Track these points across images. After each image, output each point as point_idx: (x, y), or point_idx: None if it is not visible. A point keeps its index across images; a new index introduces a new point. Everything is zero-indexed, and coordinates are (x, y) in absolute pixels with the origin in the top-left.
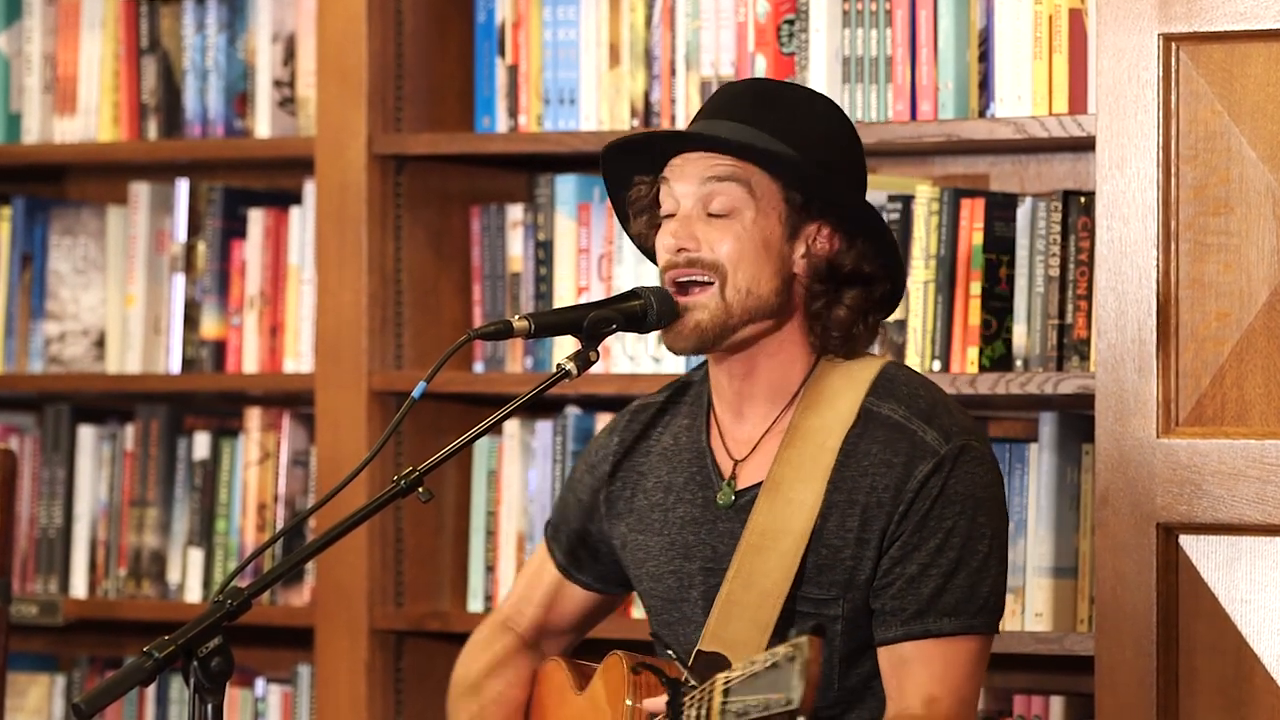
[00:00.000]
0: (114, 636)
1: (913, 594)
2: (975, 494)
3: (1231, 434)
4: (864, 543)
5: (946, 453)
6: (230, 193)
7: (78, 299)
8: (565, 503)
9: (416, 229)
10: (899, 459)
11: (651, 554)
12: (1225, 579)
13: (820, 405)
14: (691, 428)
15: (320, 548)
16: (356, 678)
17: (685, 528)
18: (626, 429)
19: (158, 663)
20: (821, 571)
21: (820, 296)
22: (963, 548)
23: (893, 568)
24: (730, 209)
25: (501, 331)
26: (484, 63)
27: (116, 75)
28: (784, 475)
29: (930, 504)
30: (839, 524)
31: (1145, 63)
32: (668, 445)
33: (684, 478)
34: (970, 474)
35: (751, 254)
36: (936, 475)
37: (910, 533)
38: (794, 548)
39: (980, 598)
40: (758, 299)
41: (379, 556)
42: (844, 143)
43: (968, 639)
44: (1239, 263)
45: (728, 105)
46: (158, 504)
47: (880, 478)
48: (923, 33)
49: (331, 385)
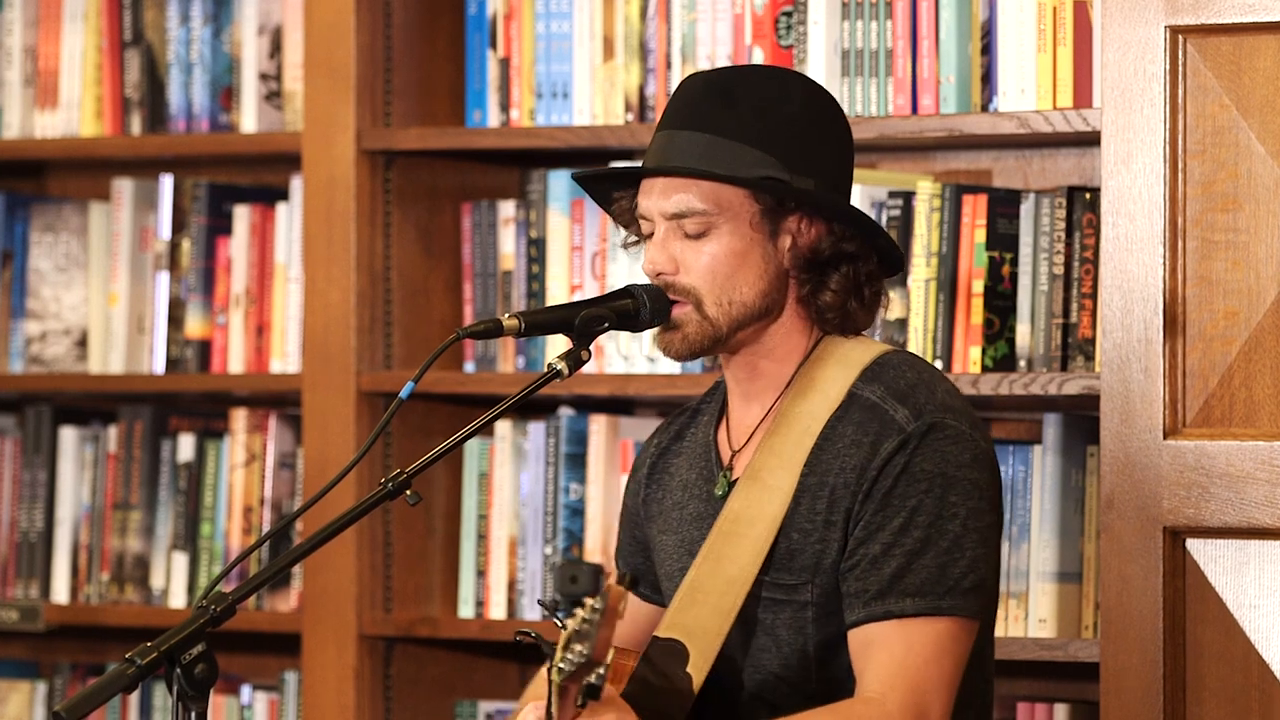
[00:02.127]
0: (96, 642)
1: (874, 574)
2: (945, 471)
3: (1240, 435)
4: (830, 525)
5: (914, 430)
6: (215, 189)
7: (59, 297)
8: (622, 513)
9: (406, 226)
10: (867, 438)
11: (668, 553)
12: (1234, 584)
13: (810, 391)
14: (708, 425)
15: (307, 551)
16: (344, 685)
17: (692, 524)
18: (664, 431)
19: (140, 670)
20: (792, 557)
21: (806, 284)
22: (929, 526)
23: (856, 548)
24: (703, 228)
25: (492, 330)
26: (475, 55)
27: (99, 68)
28: (765, 462)
29: (893, 481)
30: (809, 508)
31: (1152, 55)
32: (690, 444)
33: (696, 474)
34: (940, 451)
35: (728, 269)
36: (901, 452)
37: (874, 512)
38: (765, 533)
39: (950, 579)
40: (743, 306)
41: (367, 561)
42: (815, 120)
43: (934, 620)
44: (1247, 260)
45: (686, 111)
46: (141, 507)
47: (850, 458)
48: (924, 25)
49: (319, 386)
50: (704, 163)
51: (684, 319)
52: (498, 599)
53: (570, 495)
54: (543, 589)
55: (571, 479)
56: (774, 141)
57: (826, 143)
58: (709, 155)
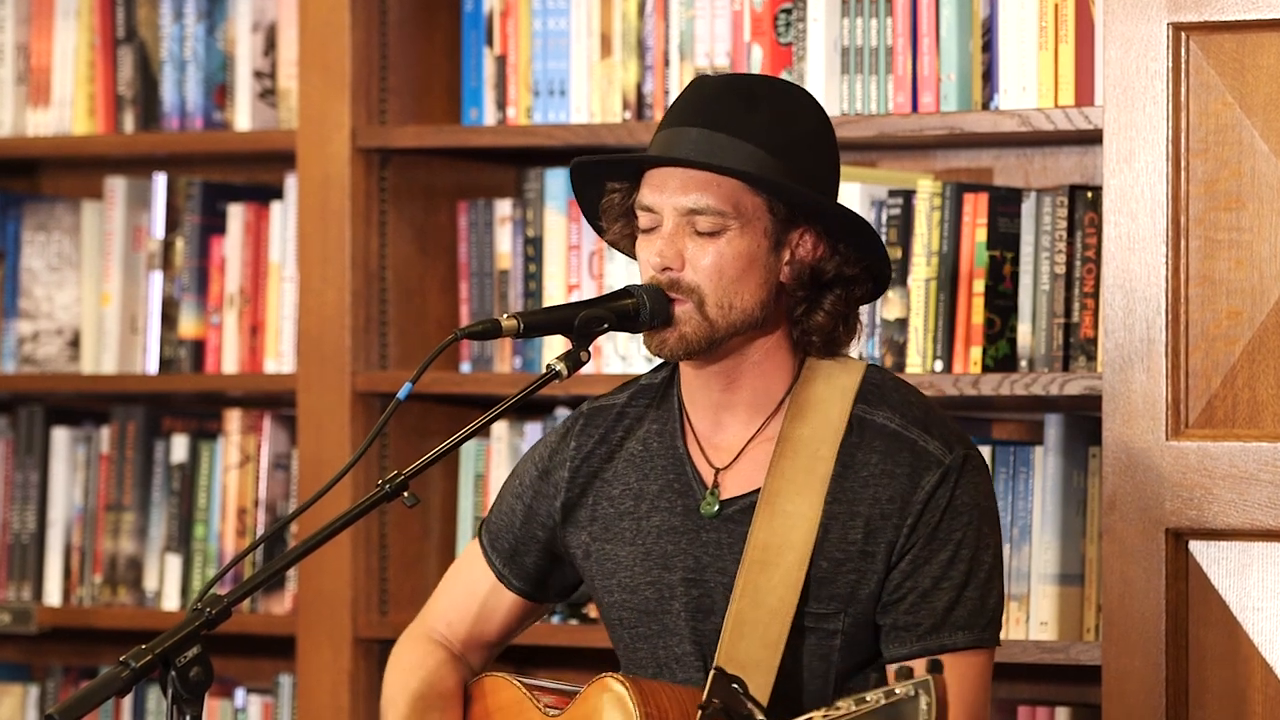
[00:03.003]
0: (89, 645)
1: (926, 609)
2: (980, 503)
3: (1243, 436)
4: (868, 556)
5: (951, 462)
6: (209, 187)
7: (52, 297)
8: (508, 506)
9: (402, 225)
10: (901, 469)
11: (623, 564)
12: (1237, 586)
13: (808, 413)
14: (663, 433)
15: (302, 554)
16: (339, 688)
17: (662, 537)
18: (584, 433)
19: (134, 672)
20: (822, 586)
21: (801, 302)
22: (972, 559)
23: (903, 582)
24: (716, 228)
25: (489, 331)
26: (471, 53)
27: (92, 66)
28: (779, 487)
29: (940, 515)
30: (840, 537)
31: (1154, 53)
32: (635, 451)
33: (658, 485)
34: (974, 484)
35: (735, 272)
36: (944, 486)
37: (921, 545)
38: (798, 563)
39: (988, 611)
40: (742, 312)
41: (363, 563)
42: (822, 140)
43: (979, 653)
44: (1251, 259)
45: (707, 109)
46: (134, 508)
47: (883, 488)
48: (924, 22)
49: (314, 386)
50: (732, 161)
51: (683, 317)
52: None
53: None
54: None
55: None
56: (791, 154)
57: (831, 164)
58: (731, 154)
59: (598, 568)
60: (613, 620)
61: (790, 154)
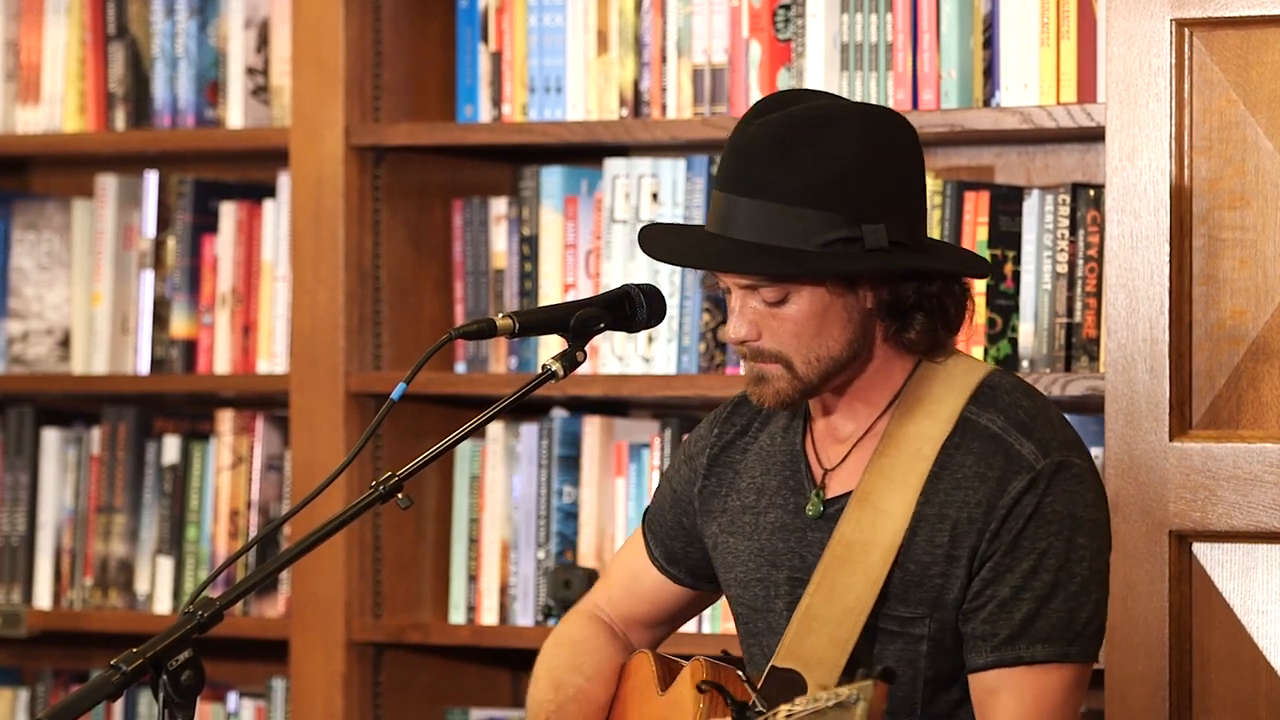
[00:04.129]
0: (80, 649)
1: (1004, 618)
2: (1074, 513)
3: (1248, 437)
4: (954, 560)
5: (1043, 468)
6: (201, 185)
7: (42, 296)
8: (662, 493)
9: (396, 223)
10: (993, 473)
11: (740, 559)
12: (1241, 589)
13: (918, 412)
14: (789, 429)
15: (295, 556)
16: (333, 691)
17: (775, 534)
18: (727, 422)
19: (125, 676)
20: (908, 589)
21: (892, 326)
22: (1059, 570)
23: (983, 589)
24: (780, 296)
25: (484, 330)
26: (466, 49)
27: (82, 63)
28: (875, 484)
29: (1024, 523)
30: (928, 539)
31: (1157, 49)
32: (764, 445)
33: (777, 481)
34: (1068, 492)
35: (811, 330)
36: (1031, 492)
37: (1002, 553)
38: (880, 562)
39: (1078, 624)
40: (831, 359)
41: (356, 566)
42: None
43: (1062, 667)
44: (1255, 258)
45: (743, 172)
46: (125, 510)
47: (973, 492)
48: (925, 18)
49: (307, 387)
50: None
51: (773, 375)
52: (489, 604)
53: (563, 498)
54: (535, 593)
55: (565, 482)
56: (836, 196)
57: (892, 177)
58: (769, 228)
59: (720, 560)
60: (734, 613)
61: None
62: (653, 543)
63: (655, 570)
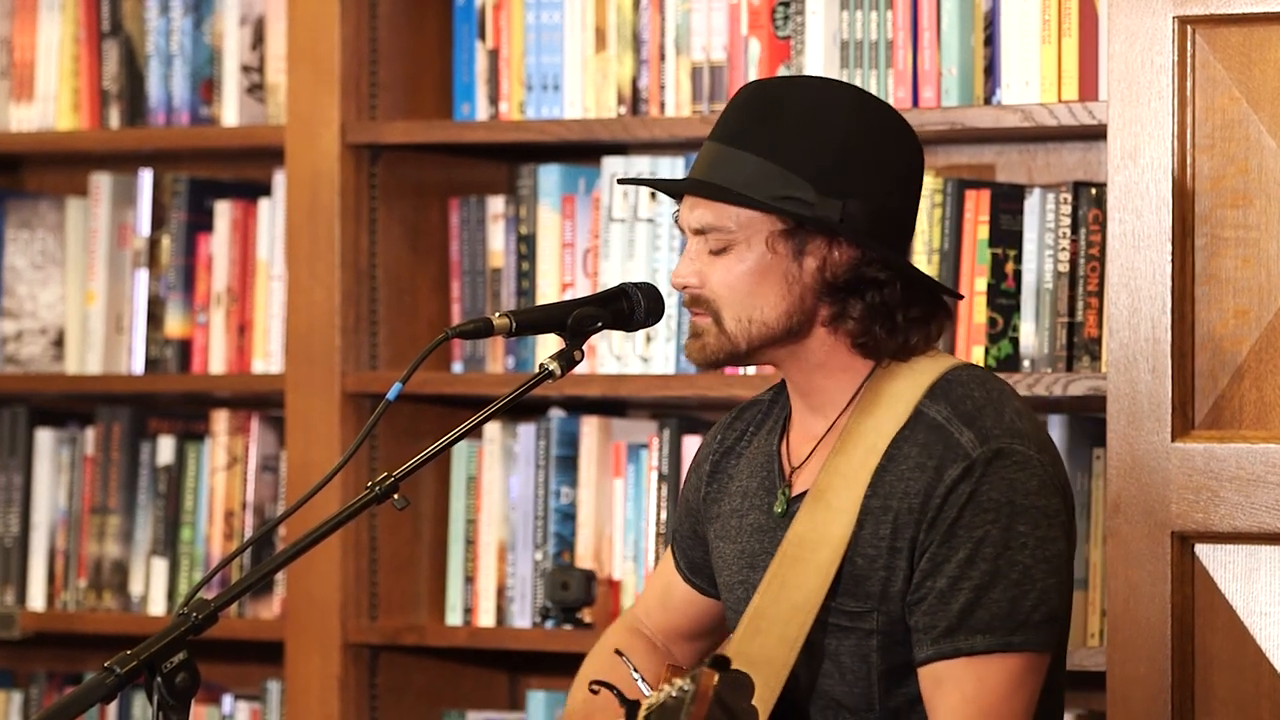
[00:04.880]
0: (73, 651)
1: (943, 609)
2: (1013, 500)
3: (1251, 438)
4: (895, 552)
5: (979, 455)
6: (196, 184)
7: (35, 296)
8: (681, 496)
9: (392, 222)
10: (932, 462)
11: (727, 562)
12: (1244, 591)
13: (875, 407)
14: (771, 431)
15: (291, 557)
16: (329, 694)
17: (753, 536)
18: (729, 427)
19: (119, 679)
20: (857, 583)
21: (829, 308)
22: (997, 559)
23: (923, 581)
24: (723, 245)
25: (481, 330)
26: (463, 47)
27: (76, 60)
28: (830, 482)
29: (959, 511)
30: (873, 532)
31: (1159, 47)
32: (754, 448)
33: (757, 482)
34: (1006, 479)
35: (747, 287)
36: (966, 480)
37: (939, 543)
38: (831, 557)
39: (1021, 613)
40: (763, 325)
41: (352, 567)
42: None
43: (1005, 658)
44: (1258, 257)
45: (725, 123)
46: (120, 511)
47: (914, 482)
48: (925, 15)
49: (302, 387)
50: (723, 180)
51: (702, 328)
52: (486, 606)
53: (561, 499)
54: (532, 595)
55: (562, 482)
56: (807, 161)
57: (874, 162)
58: (732, 173)
59: (715, 563)
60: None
61: (805, 162)
62: (677, 554)
63: (682, 582)
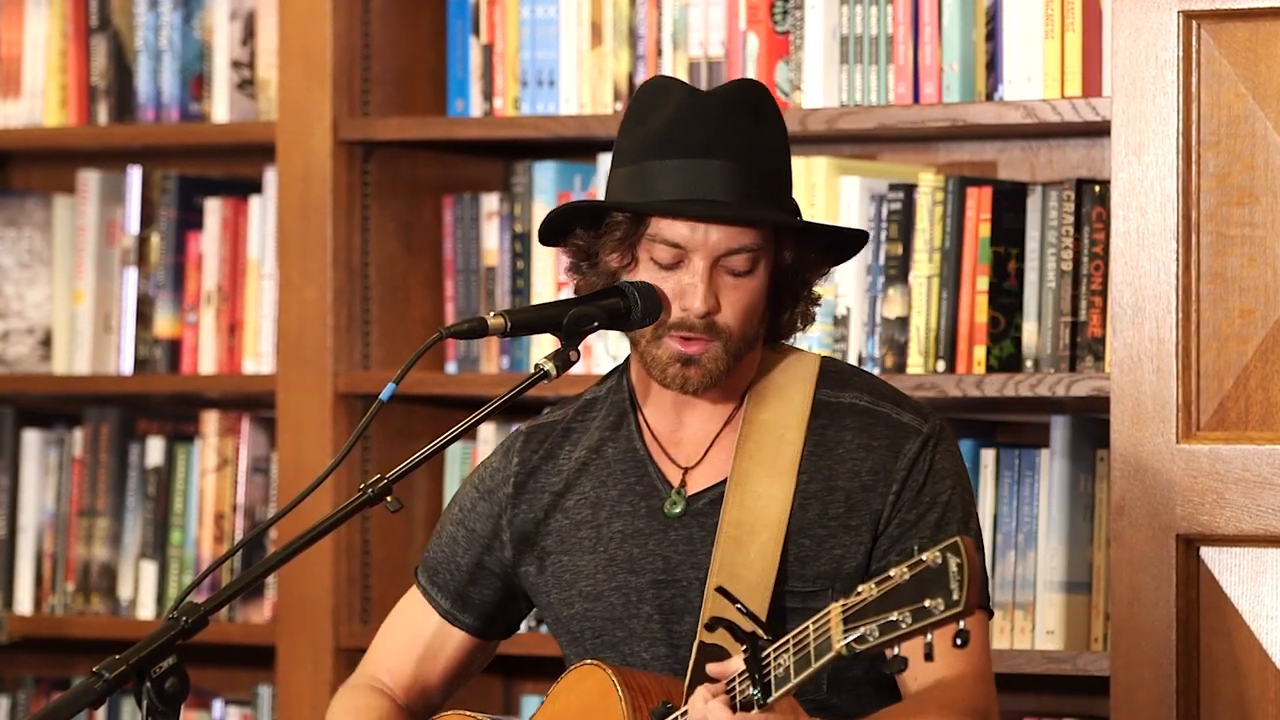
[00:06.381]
0: (61, 655)
1: None
2: (958, 471)
3: (1256, 439)
4: (853, 530)
5: (929, 430)
6: (186, 181)
7: (22, 295)
8: (449, 536)
9: (385, 220)
10: (879, 442)
11: (584, 574)
12: (1250, 594)
13: (769, 400)
14: (617, 438)
15: (282, 560)
16: (320, 699)
17: (626, 541)
18: (525, 449)
19: (108, 684)
20: (804, 565)
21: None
22: (962, 522)
23: (892, 547)
24: (750, 266)
25: (476, 329)
26: (457, 42)
27: (64, 55)
28: (748, 469)
29: (924, 479)
30: (820, 513)
31: (1164, 42)
32: (588, 459)
33: (618, 490)
34: (950, 452)
35: (759, 307)
36: (925, 452)
37: (907, 509)
38: (772, 542)
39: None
40: (754, 340)
41: (344, 570)
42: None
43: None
44: (1264, 256)
45: (717, 137)
46: (108, 514)
47: (862, 462)
48: (926, 10)
49: (294, 387)
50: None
51: (710, 356)
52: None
53: None
54: None
55: None
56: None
57: None
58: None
59: (554, 580)
60: (573, 633)
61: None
62: (438, 595)
63: (443, 623)
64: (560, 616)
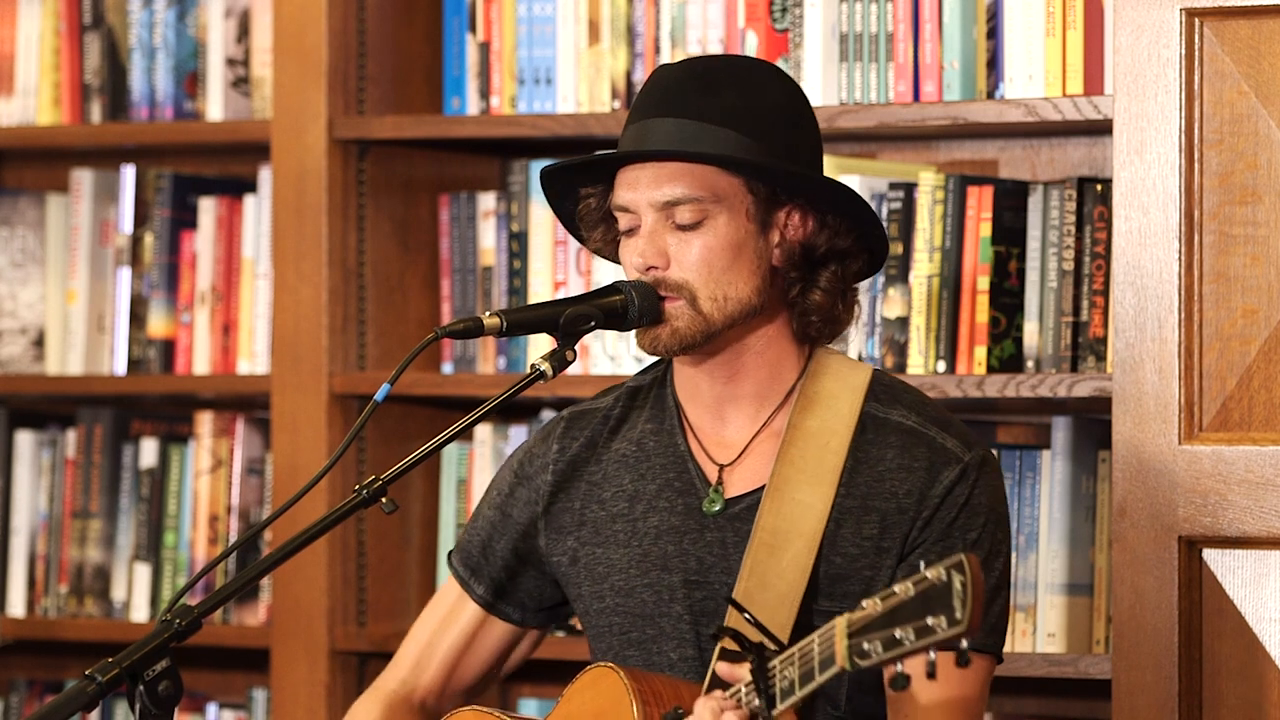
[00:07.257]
0: (54, 658)
1: None
2: (995, 508)
3: (1259, 440)
4: (883, 551)
5: (971, 460)
6: (180, 180)
7: (15, 295)
8: (485, 527)
9: (381, 219)
10: (919, 464)
11: (616, 567)
12: (1252, 596)
13: (816, 406)
14: (659, 432)
15: (276, 562)
16: (315, 702)
17: (661, 538)
18: (566, 436)
19: (101, 687)
20: (835, 582)
21: (796, 283)
22: (983, 563)
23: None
24: (698, 218)
25: (472, 329)
26: (453, 40)
27: (57, 53)
28: (788, 476)
29: (956, 512)
30: (854, 531)
31: (1166, 40)
32: (628, 452)
33: (656, 485)
34: (991, 486)
35: (723, 262)
36: (962, 483)
37: (934, 540)
38: (805, 552)
39: (992, 617)
40: (737, 302)
41: (340, 572)
42: (795, 112)
43: (982, 657)
44: (1267, 255)
45: (668, 99)
46: (101, 515)
47: (900, 483)
48: (926, 7)
49: (289, 388)
50: (701, 147)
51: (675, 313)
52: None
53: None
54: None
55: None
56: (760, 129)
57: (806, 137)
58: (700, 140)
59: (587, 573)
60: (602, 627)
61: (761, 131)
62: (474, 583)
63: (480, 612)
64: (591, 610)
